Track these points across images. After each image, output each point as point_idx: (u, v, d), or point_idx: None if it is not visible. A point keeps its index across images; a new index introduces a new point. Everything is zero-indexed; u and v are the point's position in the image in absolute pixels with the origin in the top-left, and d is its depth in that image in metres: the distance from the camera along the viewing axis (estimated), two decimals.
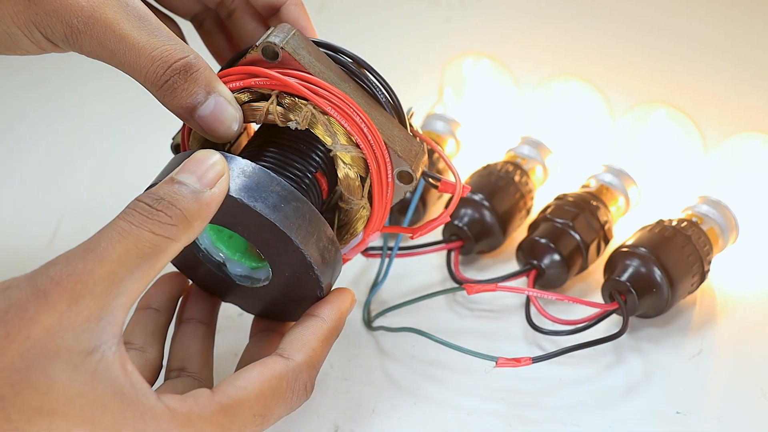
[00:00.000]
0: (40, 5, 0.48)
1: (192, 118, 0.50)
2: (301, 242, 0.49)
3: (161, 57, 0.49)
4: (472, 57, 0.83)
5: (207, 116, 0.50)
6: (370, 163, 0.52)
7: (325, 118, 0.51)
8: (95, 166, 0.87)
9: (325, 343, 0.51)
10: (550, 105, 0.77)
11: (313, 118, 0.51)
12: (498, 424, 0.57)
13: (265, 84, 0.52)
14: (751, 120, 0.84)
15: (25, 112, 0.95)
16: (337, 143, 0.52)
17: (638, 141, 0.73)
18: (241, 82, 0.52)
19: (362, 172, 0.53)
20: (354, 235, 0.55)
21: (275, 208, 0.48)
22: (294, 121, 0.51)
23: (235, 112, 0.51)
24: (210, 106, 0.50)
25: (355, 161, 0.52)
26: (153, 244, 0.44)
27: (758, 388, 0.59)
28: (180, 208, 0.45)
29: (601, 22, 1.07)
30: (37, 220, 0.78)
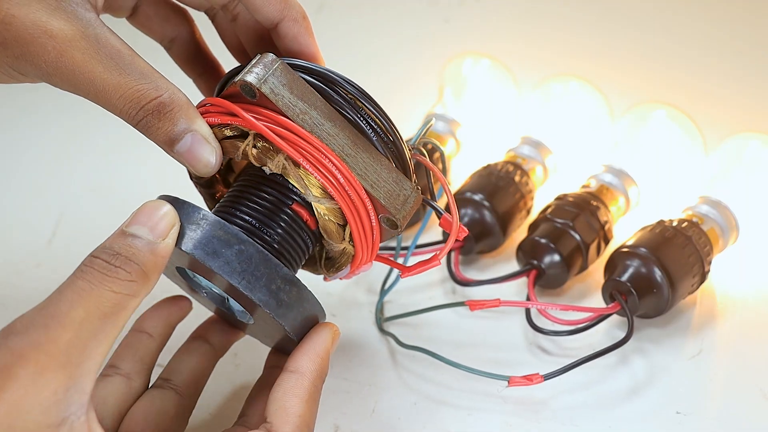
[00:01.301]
0: (10, 50, 0.48)
1: (172, 152, 0.50)
2: (246, 287, 0.47)
3: (132, 98, 0.48)
4: (472, 57, 0.83)
5: (184, 153, 0.49)
6: (345, 214, 0.50)
7: (297, 169, 0.49)
8: (94, 165, 0.87)
9: (310, 401, 0.49)
10: (550, 105, 0.77)
11: (285, 168, 0.49)
12: (497, 424, 0.57)
13: (240, 123, 0.50)
14: (751, 120, 0.84)
15: (24, 111, 0.95)
16: (309, 195, 0.50)
17: (638, 141, 0.73)
18: (219, 119, 0.50)
19: (340, 220, 0.51)
20: (340, 269, 0.54)
21: (214, 254, 0.47)
22: (267, 167, 0.50)
23: (212, 149, 0.50)
24: (186, 143, 0.49)
25: (331, 212, 0.50)
26: (114, 303, 0.43)
27: (758, 388, 0.59)
28: (138, 262, 0.44)
29: (601, 22, 1.07)
30: (36, 220, 0.78)
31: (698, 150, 0.72)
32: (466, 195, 0.69)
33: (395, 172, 0.51)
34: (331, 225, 0.51)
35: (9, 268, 0.73)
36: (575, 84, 0.77)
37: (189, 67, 0.60)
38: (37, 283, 0.71)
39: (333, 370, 0.61)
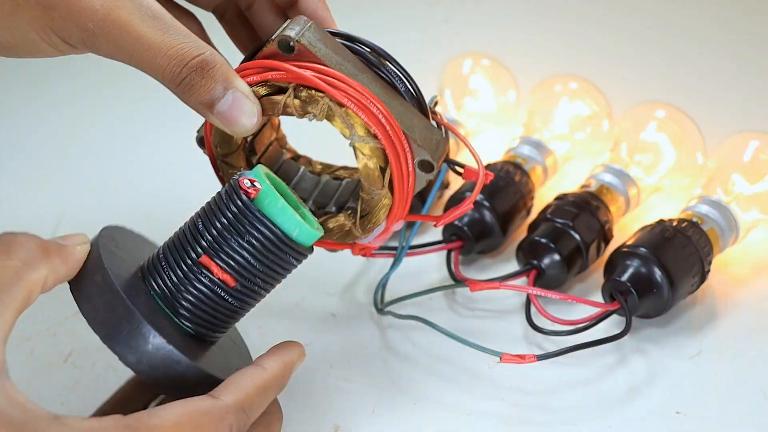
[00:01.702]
0: (56, 10, 0.48)
1: (211, 114, 0.50)
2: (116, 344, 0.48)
3: (177, 55, 0.49)
4: (472, 57, 0.83)
5: (225, 112, 0.50)
6: (389, 153, 0.52)
7: (342, 111, 0.51)
8: (96, 162, 0.87)
9: (261, 390, 0.48)
10: (550, 105, 0.77)
11: (330, 110, 0.51)
12: (498, 424, 0.57)
13: (282, 77, 0.51)
14: (751, 120, 0.84)
15: (25, 109, 0.95)
16: (354, 135, 0.52)
17: (638, 141, 0.73)
18: (258, 76, 0.52)
19: (382, 162, 0.52)
20: (377, 224, 0.55)
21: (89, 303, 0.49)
22: (311, 114, 0.52)
23: (252, 106, 0.51)
24: (228, 101, 0.50)
25: (374, 152, 0.52)
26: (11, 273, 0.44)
27: (758, 388, 0.59)
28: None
29: (600, 22, 1.07)
30: (38, 217, 0.78)
31: (698, 150, 0.72)
32: (466, 195, 0.69)
33: (425, 120, 0.53)
34: (374, 168, 0.52)
35: None
36: (575, 84, 0.77)
37: None
38: None
39: (333, 369, 0.62)
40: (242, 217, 0.49)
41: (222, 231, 0.50)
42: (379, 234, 0.56)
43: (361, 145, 0.52)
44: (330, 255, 0.71)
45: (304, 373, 0.61)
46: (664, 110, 0.73)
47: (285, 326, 0.65)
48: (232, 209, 0.50)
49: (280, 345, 0.52)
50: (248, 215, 0.49)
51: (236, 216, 0.49)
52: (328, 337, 0.64)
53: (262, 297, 0.53)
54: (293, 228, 0.50)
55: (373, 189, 0.53)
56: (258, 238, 0.49)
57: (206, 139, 0.57)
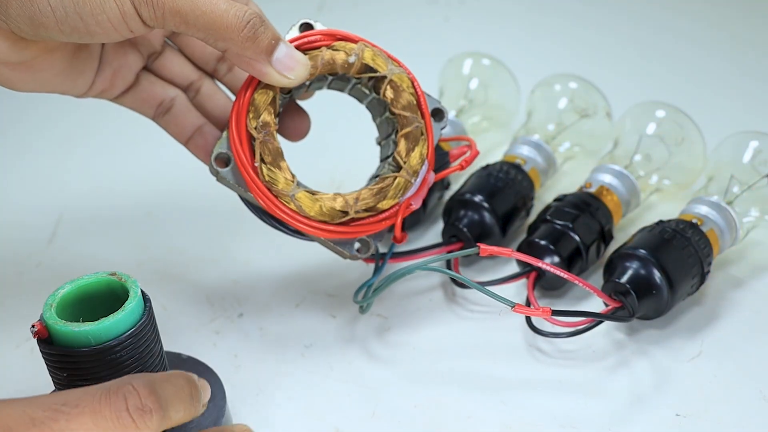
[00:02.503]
0: None
1: (269, 63, 0.55)
2: None
3: (236, 5, 0.53)
4: (472, 57, 0.83)
5: (282, 58, 0.55)
6: (416, 87, 0.60)
7: (376, 50, 0.59)
8: (94, 165, 0.87)
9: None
10: (550, 105, 0.77)
11: (366, 48, 0.59)
12: (497, 427, 0.57)
13: (317, 41, 0.58)
14: (751, 120, 0.84)
15: (24, 111, 0.95)
16: (393, 66, 0.59)
17: (638, 141, 0.72)
18: (295, 43, 0.58)
19: (414, 97, 0.60)
20: (422, 159, 0.60)
21: None
22: (353, 54, 0.58)
23: (302, 55, 0.57)
24: (283, 50, 0.55)
25: (409, 84, 0.60)
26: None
27: (758, 390, 0.59)
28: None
29: (600, 22, 1.07)
30: (36, 219, 0.78)
31: (698, 150, 0.72)
32: (466, 196, 0.69)
33: None
34: (412, 97, 0.60)
35: (9, 267, 0.73)
36: (575, 84, 0.77)
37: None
38: (37, 282, 0.71)
39: (334, 371, 0.62)
40: (48, 356, 0.50)
41: (57, 378, 0.50)
42: (424, 179, 0.60)
43: (399, 77, 0.59)
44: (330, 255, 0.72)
45: (304, 376, 0.61)
46: (663, 110, 0.73)
47: (285, 328, 0.65)
48: (45, 357, 0.50)
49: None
50: (52, 355, 0.49)
51: (49, 359, 0.50)
52: (329, 338, 0.64)
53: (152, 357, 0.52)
54: (85, 338, 0.49)
55: (416, 117, 0.59)
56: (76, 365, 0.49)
57: (237, 130, 0.58)
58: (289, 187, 0.58)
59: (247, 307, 0.67)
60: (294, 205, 0.58)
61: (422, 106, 0.60)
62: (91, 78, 0.60)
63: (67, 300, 0.51)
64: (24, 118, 0.94)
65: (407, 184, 0.60)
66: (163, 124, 0.64)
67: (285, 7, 0.64)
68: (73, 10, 0.51)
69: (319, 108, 0.69)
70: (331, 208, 0.58)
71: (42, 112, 0.95)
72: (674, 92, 0.87)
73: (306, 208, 0.58)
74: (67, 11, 0.51)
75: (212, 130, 0.63)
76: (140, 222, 0.78)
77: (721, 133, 0.72)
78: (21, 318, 0.57)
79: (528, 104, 0.79)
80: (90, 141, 0.91)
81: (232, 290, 0.69)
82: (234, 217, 0.60)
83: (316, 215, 0.58)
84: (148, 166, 0.84)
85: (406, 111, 0.59)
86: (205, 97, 0.64)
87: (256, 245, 0.73)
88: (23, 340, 0.64)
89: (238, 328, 0.65)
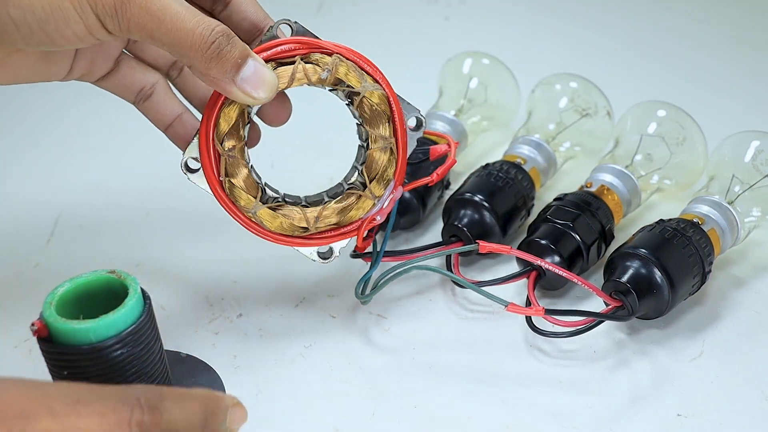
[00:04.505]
0: None
1: (234, 83, 0.53)
2: None
3: (203, 23, 0.52)
4: (472, 56, 0.82)
5: (250, 77, 0.53)
6: (392, 100, 0.59)
7: (350, 64, 0.57)
8: (93, 165, 0.87)
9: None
10: (550, 104, 0.77)
11: (341, 62, 0.57)
12: (498, 426, 0.57)
13: (291, 50, 0.57)
14: (751, 120, 0.84)
15: (23, 111, 0.95)
16: (366, 83, 0.58)
17: (638, 141, 0.72)
18: (267, 53, 0.56)
19: (388, 110, 0.59)
20: (389, 179, 0.59)
21: None
22: (325, 70, 0.56)
23: (271, 73, 0.55)
24: (251, 67, 0.53)
25: (382, 100, 0.58)
26: None
27: (760, 390, 0.59)
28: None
29: (600, 21, 1.07)
30: (35, 220, 0.78)
31: (699, 149, 0.72)
32: (466, 195, 0.69)
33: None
34: (383, 112, 0.58)
35: (7, 268, 0.72)
36: (575, 83, 0.77)
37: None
38: (35, 283, 0.70)
39: (333, 372, 0.61)
40: (48, 355, 0.50)
41: (58, 376, 0.50)
42: (390, 195, 0.60)
43: (371, 93, 0.58)
44: None
45: (304, 376, 0.61)
46: (664, 110, 0.73)
47: (285, 328, 0.65)
48: (45, 356, 0.50)
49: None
50: (52, 353, 0.49)
51: (49, 357, 0.50)
52: (328, 339, 0.64)
53: (154, 362, 0.52)
54: (85, 335, 0.49)
55: (385, 138, 0.58)
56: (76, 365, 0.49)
57: (206, 144, 0.58)
58: (250, 204, 0.59)
59: (247, 308, 0.67)
60: (255, 219, 0.59)
61: (396, 122, 0.59)
62: (68, 64, 0.59)
63: (66, 298, 0.51)
64: (23, 118, 0.93)
65: (371, 204, 0.60)
66: (144, 110, 0.64)
67: (285, 6, 0.64)
68: (38, 27, 0.51)
69: (318, 108, 0.69)
70: (290, 224, 0.60)
71: (41, 112, 0.95)
72: (675, 92, 0.87)
73: (266, 224, 0.59)
74: (32, 28, 0.51)
75: (191, 119, 0.63)
76: (139, 222, 0.78)
77: (722, 132, 0.72)
78: (19, 318, 0.57)
79: (528, 104, 0.79)
80: (89, 141, 0.91)
81: (231, 290, 0.69)
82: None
83: (276, 230, 0.60)
84: (147, 165, 0.84)
85: (377, 130, 0.59)
86: (187, 77, 0.64)
87: (256, 245, 0.72)
88: (21, 341, 0.64)
89: (237, 328, 0.65)
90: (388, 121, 0.59)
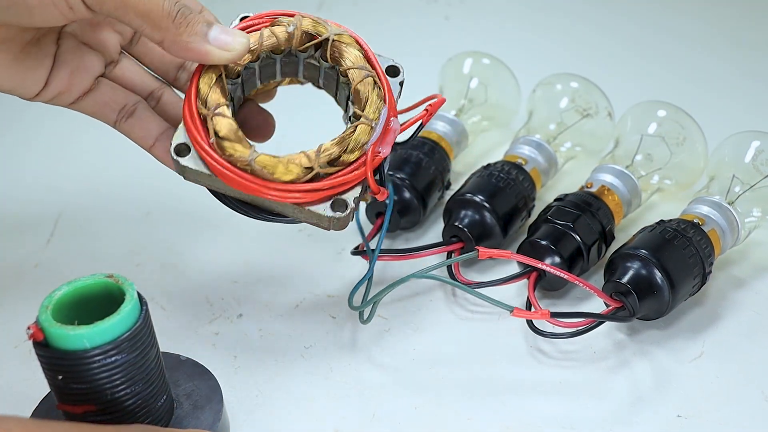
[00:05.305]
0: None
1: (208, 42, 0.54)
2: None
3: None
4: (472, 56, 0.82)
5: (219, 35, 0.54)
6: (360, 42, 0.58)
7: (315, 18, 0.58)
8: (93, 165, 0.86)
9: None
10: (551, 105, 0.77)
11: (310, 20, 0.57)
12: (498, 427, 0.57)
13: (258, 23, 0.58)
14: (751, 120, 0.84)
15: (22, 111, 0.95)
16: (331, 27, 0.58)
17: (639, 141, 0.72)
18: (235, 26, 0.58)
19: (360, 49, 0.58)
20: (379, 108, 0.57)
21: None
22: (291, 25, 0.57)
23: (239, 31, 0.56)
24: (217, 29, 0.55)
25: (351, 41, 0.58)
26: None
27: (760, 390, 0.59)
28: None
29: (601, 21, 1.06)
30: (35, 220, 0.78)
31: (699, 150, 0.72)
32: (466, 196, 0.69)
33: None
34: (359, 54, 0.58)
35: (7, 268, 0.72)
36: (576, 83, 0.77)
37: None
38: (35, 283, 0.70)
39: (333, 372, 0.61)
40: (44, 359, 0.49)
41: (52, 380, 0.50)
42: (385, 127, 0.58)
43: (340, 36, 0.58)
44: (330, 256, 0.71)
45: (304, 377, 0.61)
46: (665, 110, 0.73)
47: (285, 328, 0.65)
48: (40, 360, 0.50)
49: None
50: (47, 357, 0.49)
51: (45, 361, 0.49)
52: (328, 339, 0.64)
53: (151, 379, 0.52)
54: (80, 341, 0.49)
55: (365, 69, 0.58)
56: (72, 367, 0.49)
57: (190, 116, 0.56)
58: (246, 152, 0.55)
59: (247, 308, 0.67)
60: (256, 169, 0.55)
61: (372, 60, 0.59)
62: (43, 77, 0.58)
63: (63, 302, 0.50)
64: (22, 118, 0.93)
65: (368, 129, 0.57)
66: (127, 129, 0.62)
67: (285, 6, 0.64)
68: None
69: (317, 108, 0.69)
70: (294, 166, 0.56)
71: (40, 112, 0.94)
72: (675, 92, 0.87)
73: (269, 170, 0.55)
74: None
75: None
76: (139, 222, 0.78)
77: (722, 132, 0.72)
78: (19, 318, 0.57)
79: (529, 104, 0.79)
80: (89, 141, 0.90)
81: (231, 291, 0.69)
82: (233, 217, 0.60)
83: (280, 175, 0.55)
84: (147, 166, 0.84)
85: (355, 65, 0.58)
86: (167, 105, 0.63)
87: (256, 245, 0.73)
88: (21, 340, 0.64)
89: (237, 328, 0.65)
90: (365, 58, 0.58)
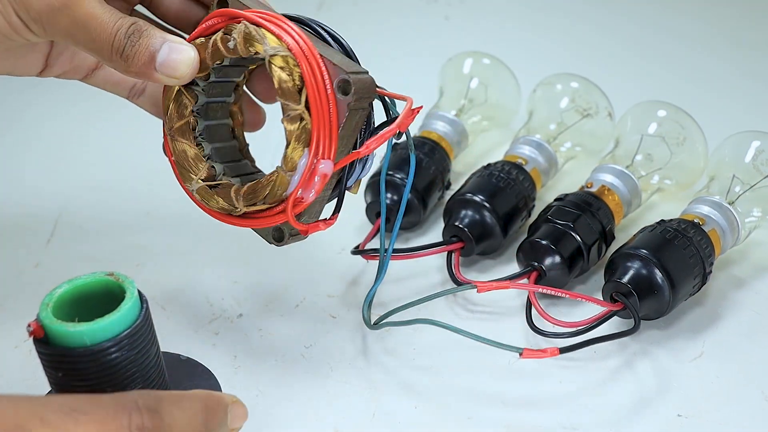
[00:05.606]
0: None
1: (155, 71, 0.54)
2: None
3: (118, 28, 0.53)
4: (472, 56, 0.82)
5: (165, 60, 0.54)
6: (301, 65, 0.53)
7: (259, 30, 0.54)
8: (93, 165, 0.87)
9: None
10: (551, 105, 0.77)
11: (247, 30, 0.54)
12: (499, 427, 0.57)
13: (214, 25, 0.56)
14: (751, 120, 0.84)
15: (22, 111, 0.95)
16: (267, 46, 0.53)
17: (639, 141, 0.72)
18: (199, 29, 0.57)
19: (297, 79, 0.53)
20: (299, 154, 0.54)
21: None
22: (232, 39, 0.55)
23: (188, 47, 0.55)
24: (165, 50, 0.54)
25: (287, 63, 0.53)
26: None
27: (760, 390, 0.59)
28: None
29: (601, 21, 1.07)
30: (35, 220, 0.78)
31: (699, 150, 0.72)
32: (467, 196, 0.69)
33: (352, 61, 0.55)
34: (286, 80, 0.53)
35: (8, 268, 0.72)
36: (576, 83, 0.77)
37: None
38: (35, 283, 0.70)
39: (333, 372, 0.61)
40: (44, 356, 0.49)
41: (53, 378, 0.50)
42: (306, 174, 0.54)
43: (273, 58, 0.53)
44: (330, 255, 0.71)
45: (304, 377, 0.61)
46: (665, 110, 0.73)
47: (285, 328, 0.65)
48: (41, 357, 0.50)
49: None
50: (47, 354, 0.49)
51: (45, 358, 0.49)
52: (328, 339, 0.64)
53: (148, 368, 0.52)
54: (80, 338, 0.49)
55: (289, 104, 0.53)
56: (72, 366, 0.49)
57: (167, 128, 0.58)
58: (191, 182, 0.59)
59: (247, 308, 0.67)
60: (196, 198, 0.59)
61: (310, 86, 0.53)
62: (39, 59, 0.60)
63: (64, 300, 0.50)
64: (22, 118, 0.93)
65: (284, 180, 0.55)
66: (140, 104, 0.65)
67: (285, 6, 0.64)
68: None
69: None
70: (226, 204, 0.58)
71: (40, 111, 0.95)
72: (675, 92, 0.87)
73: (204, 200, 0.59)
74: None
75: None
76: (139, 222, 0.78)
77: (722, 132, 0.72)
78: (19, 318, 0.57)
79: (529, 104, 0.79)
80: (89, 141, 0.90)
81: (231, 291, 0.69)
82: None
83: (213, 206, 0.59)
84: (147, 165, 0.84)
85: (281, 97, 0.54)
86: None
87: (256, 246, 0.72)
88: (21, 340, 0.64)
89: (237, 328, 0.65)
90: (299, 92, 0.53)
